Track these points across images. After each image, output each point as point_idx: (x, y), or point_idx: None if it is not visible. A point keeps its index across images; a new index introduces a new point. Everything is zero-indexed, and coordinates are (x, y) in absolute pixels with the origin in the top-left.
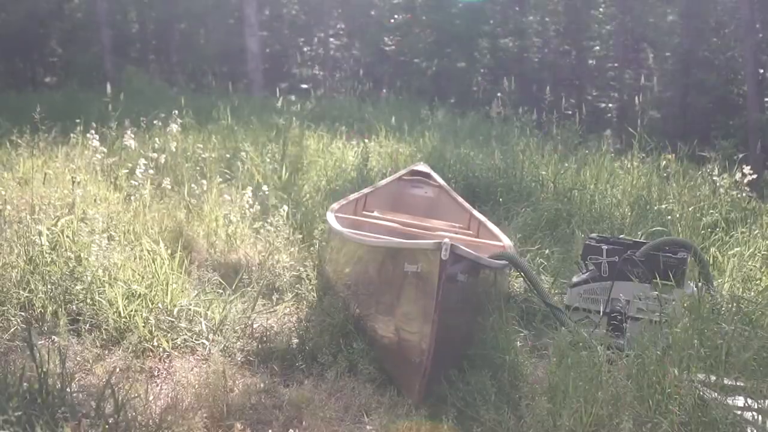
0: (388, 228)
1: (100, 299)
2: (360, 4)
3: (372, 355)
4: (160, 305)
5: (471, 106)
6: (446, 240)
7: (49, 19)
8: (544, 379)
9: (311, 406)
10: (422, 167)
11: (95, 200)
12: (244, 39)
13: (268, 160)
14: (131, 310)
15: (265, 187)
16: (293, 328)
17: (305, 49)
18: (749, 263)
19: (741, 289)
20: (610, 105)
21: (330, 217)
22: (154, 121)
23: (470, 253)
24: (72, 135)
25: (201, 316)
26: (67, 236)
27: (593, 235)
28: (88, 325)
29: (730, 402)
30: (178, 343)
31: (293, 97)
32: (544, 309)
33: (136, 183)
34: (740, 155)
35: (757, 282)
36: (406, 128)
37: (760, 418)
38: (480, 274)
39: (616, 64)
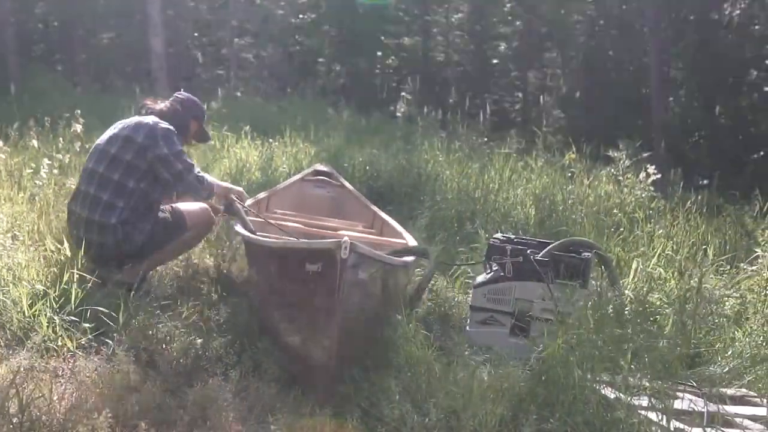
0: (292, 228)
1: (4, 299)
2: (265, 4)
3: (276, 354)
4: (64, 305)
5: (375, 106)
6: (345, 239)
7: None
8: (448, 379)
9: (216, 406)
10: (324, 167)
11: None
12: (148, 39)
13: None
14: (35, 310)
15: None
16: (198, 328)
17: (209, 48)
18: (653, 263)
19: (645, 289)
20: (515, 105)
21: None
22: (59, 121)
23: (371, 251)
24: None
25: (105, 316)
26: None
27: (497, 235)
28: None
29: (634, 402)
30: (83, 342)
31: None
32: (449, 309)
33: (41, 183)
34: (645, 155)
35: (662, 282)
36: (311, 128)
37: (664, 417)
38: (382, 273)
39: (517, 68)
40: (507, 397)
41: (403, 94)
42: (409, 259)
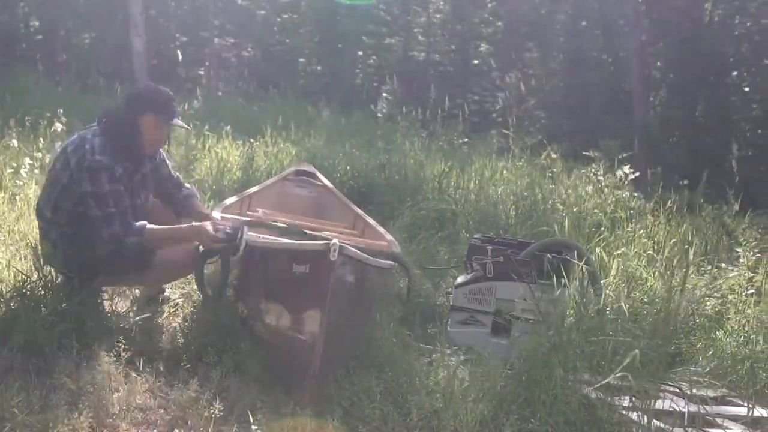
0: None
1: None
2: (246, 4)
3: (259, 354)
4: (44, 304)
5: (356, 106)
6: (335, 241)
7: None
8: (429, 379)
9: (197, 406)
10: (306, 167)
11: None
12: (130, 38)
13: None
14: (16, 310)
15: None
16: (179, 328)
17: (190, 48)
18: (634, 263)
19: (626, 289)
20: (496, 105)
21: (215, 216)
22: (39, 121)
23: (359, 253)
24: None
25: (86, 315)
26: None
27: (478, 235)
28: None
29: (615, 402)
30: (63, 342)
31: (178, 97)
32: (432, 308)
33: (21, 183)
34: (626, 154)
35: (642, 282)
36: (292, 128)
37: (645, 417)
38: (368, 275)
39: (498, 68)
40: (488, 396)
41: (383, 93)
42: (393, 262)
